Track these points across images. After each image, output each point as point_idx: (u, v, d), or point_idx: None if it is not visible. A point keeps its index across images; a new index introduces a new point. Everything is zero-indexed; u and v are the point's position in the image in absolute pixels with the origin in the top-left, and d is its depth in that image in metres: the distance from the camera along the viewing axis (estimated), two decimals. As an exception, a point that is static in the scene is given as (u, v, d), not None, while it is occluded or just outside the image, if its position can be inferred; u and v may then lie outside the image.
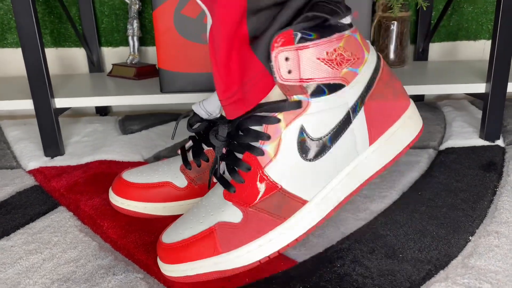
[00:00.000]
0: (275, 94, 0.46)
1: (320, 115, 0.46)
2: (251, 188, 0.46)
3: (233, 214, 0.47)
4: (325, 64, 0.44)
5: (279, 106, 0.45)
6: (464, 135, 0.87)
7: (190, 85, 0.82)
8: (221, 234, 0.46)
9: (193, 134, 0.64)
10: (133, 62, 1.03)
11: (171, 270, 0.47)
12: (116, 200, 0.60)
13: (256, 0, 0.43)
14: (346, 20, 0.46)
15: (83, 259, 0.52)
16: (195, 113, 0.62)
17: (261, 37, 0.44)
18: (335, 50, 0.44)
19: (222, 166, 0.52)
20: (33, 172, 0.77)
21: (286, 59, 0.43)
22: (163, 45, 0.81)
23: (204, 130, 0.61)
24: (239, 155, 0.48)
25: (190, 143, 0.63)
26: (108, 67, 1.13)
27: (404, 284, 0.46)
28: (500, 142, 0.83)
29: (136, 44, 1.04)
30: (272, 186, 0.46)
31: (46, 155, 0.83)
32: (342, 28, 0.45)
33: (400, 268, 0.49)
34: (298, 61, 0.43)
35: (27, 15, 0.75)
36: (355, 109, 0.47)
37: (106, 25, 1.11)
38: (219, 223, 0.46)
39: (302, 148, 0.46)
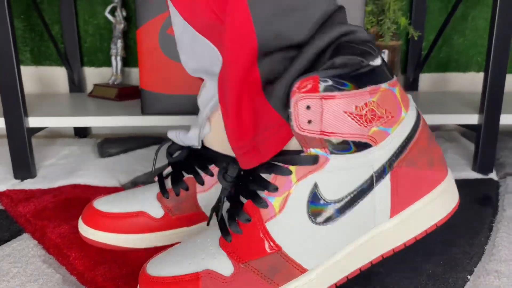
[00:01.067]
0: (294, 144, 0.40)
1: (338, 175, 0.39)
2: (247, 242, 0.41)
3: (224, 266, 0.41)
4: (353, 119, 0.38)
5: (292, 158, 0.39)
6: (457, 167, 0.84)
7: (173, 107, 0.79)
8: (206, 283, 0.41)
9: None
10: (116, 83, 0.99)
11: None
12: (86, 231, 0.55)
13: (268, 41, 0.37)
14: (377, 61, 0.40)
15: (43, 294, 0.47)
16: (174, 142, 0.58)
17: (276, 82, 0.38)
18: (366, 104, 0.38)
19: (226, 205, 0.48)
20: (-1, 195, 0.71)
21: (308, 107, 0.37)
22: (147, 65, 0.77)
23: (185, 158, 0.57)
24: (244, 200, 0.43)
25: (169, 169, 0.58)
26: (90, 87, 1.09)
27: (400, 329, 0.42)
28: (493, 175, 0.81)
29: (119, 64, 1.00)
30: (271, 246, 0.40)
31: (16, 177, 0.78)
32: (378, 79, 0.39)
33: (395, 310, 0.44)
34: (322, 111, 0.37)
35: (3, 31, 0.71)
36: (380, 174, 0.40)
37: (90, 45, 1.08)
38: (207, 271, 0.41)
39: (312, 209, 0.40)
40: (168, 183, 0.56)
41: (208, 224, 0.49)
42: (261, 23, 0.36)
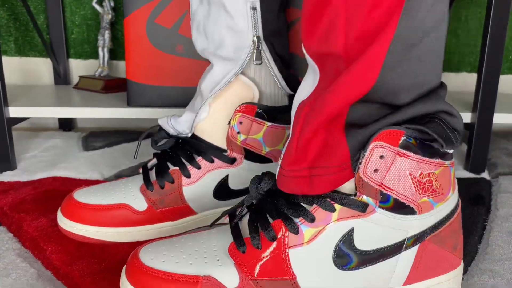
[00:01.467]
0: (344, 187, 0.39)
1: (376, 228, 0.39)
2: (263, 260, 0.39)
3: (229, 276, 0.39)
4: (413, 183, 0.38)
5: (343, 198, 0.38)
6: (448, 166, 0.83)
7: (160, 99, 0.76)
8: None
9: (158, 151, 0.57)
10: (102, 75, 0.96)
11: None
12: (65, 223, 0.52)
13: (377, 92, 0.37)
14: (452, 150, 0.40)
15: (15, 289, 0.44)
16: (161, 129, 0.56)
17: (361, 126, 0.38)
18: (429, 174, 0.39)
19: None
20: (-24, 187, 0.68)
21: (381, 157, 0.37)
22: (133, 55, 0.75)
23: (172, 147, 0.55)
24: (270, 218, 0.40)
25: (154, 161, 0.56)
26: (76, 80, 1.06)
27: (392, 329, 0.40)
28: (485, 175, 0.79)
29: (106, 56, 0.97)
30: (287, 272, 0.39)
31: (-6, 169, 0.75)
32: (445, 155, 0.40)
33: (386, 309, 0.42)
34: (391, 165, 0.37)
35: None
36: (412, 241, 0.40)
37: (76, 36, 1.05)
38: (209, 277, 0.38)
39: (338, 251, 0.39)
40: (153, 175, 0.54)
41: (211, 226, 0.46)
42: (385, 74, 0.36)
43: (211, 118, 0.52)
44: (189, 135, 0.54)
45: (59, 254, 0.50)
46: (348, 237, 0.39)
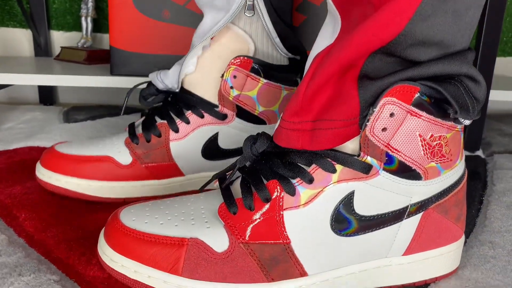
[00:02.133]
0: (347, 147, 0.36)
1: (377, 192, 0.36)
2: (255, 222, 0.36)
3: (218, 239, 0.36)
4: (422, 145, 0.35)
5: (346, 158, 0.35)
6: (443, 144, 0.81)
7: (145, 67, 0.72)
8: (192, 254, 0.35)
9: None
10: (85, 46, 0.92)
11: (112, 259, 0.36)
12: (43, 174, 0.49)
13: (403, 41, 0.33)
14: (466, 121, 0.37)
15: (-18, 254, 0.40)
16: (149, 84, 0.52)
17: (375, 78, 0.34)
18: (440, 138, 0.36)
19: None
20: None
21: (391, 114, 0.34)
22: (117, 20, 0.71)
23: (162, 103, 0.52)
24: (264, 180, 0.37)
25: (141, 120, 0.53)
26: (57, 52, 1.02)
27: (389, 298, 0.37)
28: (480, 153, 0.78)
29: (90, 26, 0.93)
30: (280, 235, 0.36)
31: (-32, 138, 0.70)
32: (457, 120, 0.36)
33: (383, 278, 0.40)
34: (400, 124, 0.34)
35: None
36: (415, 210, 0.38)
37: (58, 6, 1.00)
38: (196, 240, 0.35)
39: (337, 215, 0.36)
40: (139, 129, 0.51)
41: (200, 190, 0.42)
42: (414, 23, 0.32)
43: (200, 71, 0.49)
44: (177, 89, 0.51)
45: (33, 221, 0.47)
46: (348, 201, 0.36)
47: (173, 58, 0.72)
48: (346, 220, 0.36)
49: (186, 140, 0.50)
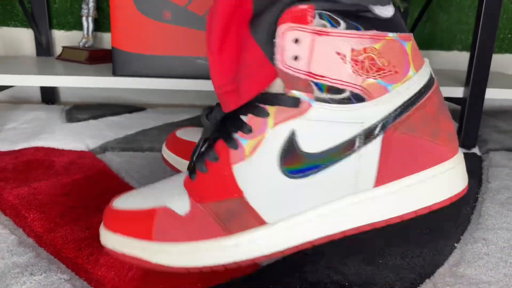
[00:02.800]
0: (277, 86, 0.35)
1: (320, 126, 0.34)
2: (210, 183, 0.37)
3: (181, 204, 0.38)
4: (345, 63, 0.33)
5: (271, 97, 0.35)
6: (439, 141, 0.82)
7: (147, 68, 0.73)
8: (160, 220, 0.38)
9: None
10: (86, 45, 0.93)
11: (105, 237, 0.40)
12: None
13: None
14: (387, 11, 0.34)
15: (-6, 255, 0.42)
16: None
17: (264, 12, 0.33)
18: (365, 50, 0.33)
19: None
20: (-47, 157, 0.65)
21: (296, 40, 0.32)
22: (119, 22, 0.72)
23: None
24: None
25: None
26: (58, 51, 1.03)
27: (386, 295, 0.39)
28: (476, 151, 0.79)
29: (91, 26, 0.94)
30: (233, 190, 0.36)
31: (-27, 139, 0.72)
32: (385, 26, 0.33)
33: (381, 276, 0.41)
34: (312, 48, 0.33)
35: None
36: (370, 135, 0.35)
37: (59, 6, 1.01)
38: (164, 208, 0.38)
39: (285, 158, 0.35)
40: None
41: (188, 168, 0.44)
42: None
43: None
44: None
45: (41, 221, 0.48)
46: (290, 142, 0.35)
47: (174, 59, 0.73)
48: (295, 162, 0.35)
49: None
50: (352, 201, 0.37)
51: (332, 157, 0.35)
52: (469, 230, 0.51)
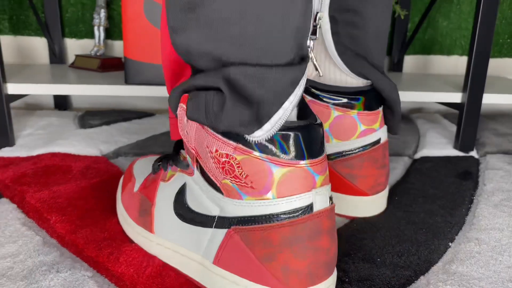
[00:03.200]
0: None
1: (198, 191, 0.40)
2: (148, 182, 0.48)
3: (137, 185, 0.50)
4: (211, 157, 0.36)
5: (174, 156, 0.44)
6: (439, 145, 0.85)
7: (158, 77, 0.77)
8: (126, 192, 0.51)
9: None
10: (98, 54, 0.97)
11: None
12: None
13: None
14: (256, 137, 0.34)
15: (23, 254, 0.46)
16: None
17: (180, 84, 0.39)
18: (227, 156, 0.34)
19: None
20: (-24, 162, 0.69)
21: (187, 120, 0.38)
22: (131, 33, 0.75)
23: None
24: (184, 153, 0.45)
25: None
26: (71, 59, 1.07)
27: (383, 290, 0.42)
28: (474, 154, 0.82)
29: (102, 35, 0.98)
30: (153, 197, 0.46)
31: (-7, 145, 0.76)
32: (264, 148, 0.34)
33: (378, 273, 0.45)
34: (193, 132, 0.38)
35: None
36: (222, 222, 0.37)
37: (71, 15, 1.05)
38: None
39: (176, 197, 0.43)
40: None
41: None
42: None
43: None
44: None
45: (63, 223, 0.52)
46: (183, 190, 0.42)
47: (184, 68, 0.76)
48: (180, 206, 0.42)
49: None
50: (199, 261, 0.41)
51: (198, 220, 0.40)
52: (463, 230, 0.55)
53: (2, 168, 0.66)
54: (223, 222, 0.37)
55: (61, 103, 1.07)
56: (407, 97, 0.82)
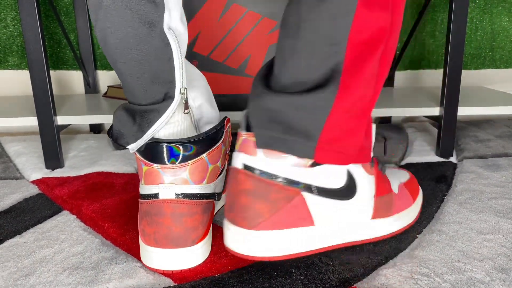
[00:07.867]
0: None
1: None
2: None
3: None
4: None
5: None
6: (423, 152, 0.99)
7: (180, 105, 0.92)
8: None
9: None
10: (127, 84, 1.12)
11: None
12: None
13: None
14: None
15: (88, 252, 0.61)
16: None
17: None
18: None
19: None
20: (36, 182, 0.85)
21: None
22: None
23: None
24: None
25: None
26: (103, 88, 1.23)
27: (359, 271, 0.56)
28: (453, 159, 0.95)
29: (130, 68, 1.13)
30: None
31: (47, 167, 0.92)
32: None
33: (357, 258, 0.59)
34: None
35: (36, 41, 0.84)
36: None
37: (102, 50, 1.21)
38: None
39: None
40: None
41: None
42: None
43: None
44: None
45: (114, 228, 0.67)
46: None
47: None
48: None
49: None
50: None
51: None
52: (431, 224, 0.68)
53: (59, 187, 0.82)
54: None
55: (96, 126, 1.23)
56: (395, 113, 0.96)
